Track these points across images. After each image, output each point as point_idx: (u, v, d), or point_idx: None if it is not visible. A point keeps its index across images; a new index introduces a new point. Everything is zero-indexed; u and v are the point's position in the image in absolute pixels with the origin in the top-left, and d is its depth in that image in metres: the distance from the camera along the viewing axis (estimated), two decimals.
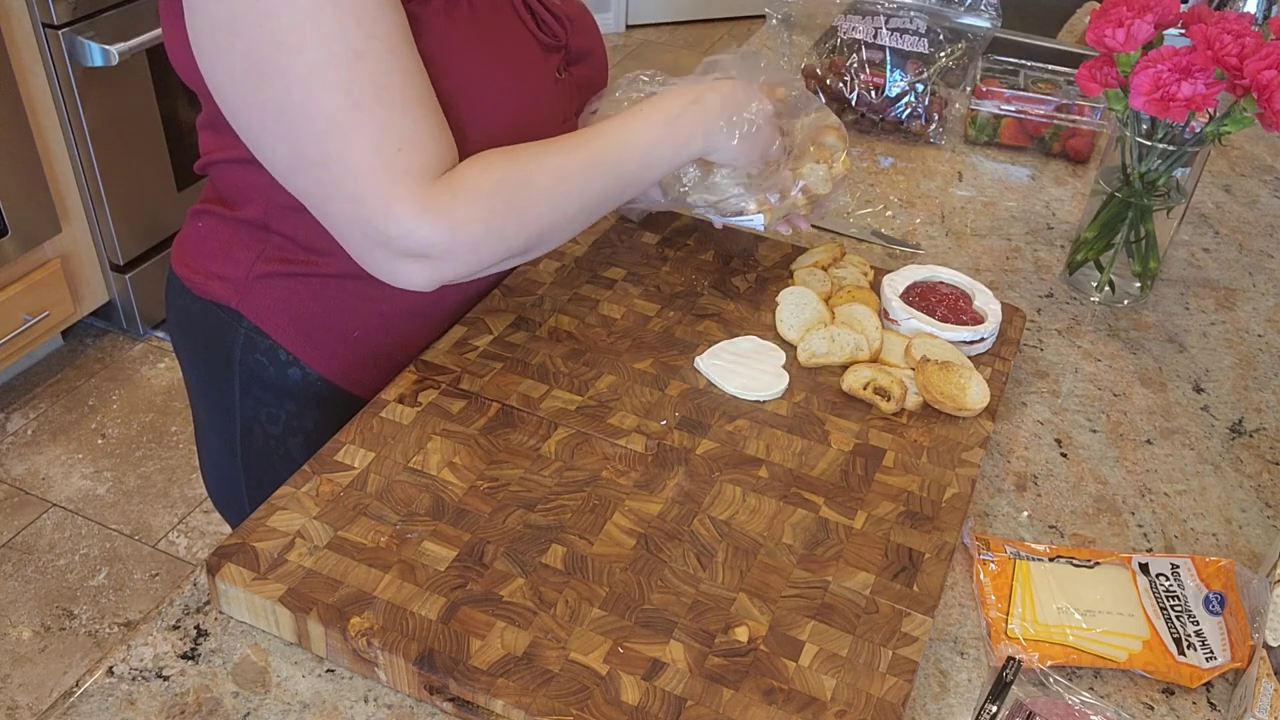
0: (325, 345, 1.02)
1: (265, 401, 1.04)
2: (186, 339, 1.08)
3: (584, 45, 1.02)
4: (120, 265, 2.50)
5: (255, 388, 1.04)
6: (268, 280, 0.99)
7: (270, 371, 1.02)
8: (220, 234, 1.00)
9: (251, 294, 1.00)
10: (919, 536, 0.84)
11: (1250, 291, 1.25)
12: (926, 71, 1.47)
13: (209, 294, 1.02)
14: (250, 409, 1.05)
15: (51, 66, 2.21)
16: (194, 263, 1.03)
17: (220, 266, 1.01)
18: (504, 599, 0.76)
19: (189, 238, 1.04)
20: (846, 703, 0.71)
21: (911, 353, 1.01)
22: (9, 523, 2.19)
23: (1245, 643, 0.80)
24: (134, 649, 0.76)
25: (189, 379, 1.11)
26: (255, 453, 1.08)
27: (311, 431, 1.05)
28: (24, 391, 2.50)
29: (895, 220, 1.32)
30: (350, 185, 0.81)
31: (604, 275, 1.11)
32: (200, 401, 1.11)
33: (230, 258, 1.00)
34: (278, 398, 1.04)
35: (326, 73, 0.78)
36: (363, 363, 1.03)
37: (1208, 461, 1.00)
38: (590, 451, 0.89)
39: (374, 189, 0.81)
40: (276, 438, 1.06)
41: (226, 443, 1.09)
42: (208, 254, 1.02)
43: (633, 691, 0.71)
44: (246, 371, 1.03)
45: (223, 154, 0.96)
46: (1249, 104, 1.02)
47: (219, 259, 1.01)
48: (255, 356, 1.02)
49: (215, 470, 1.15)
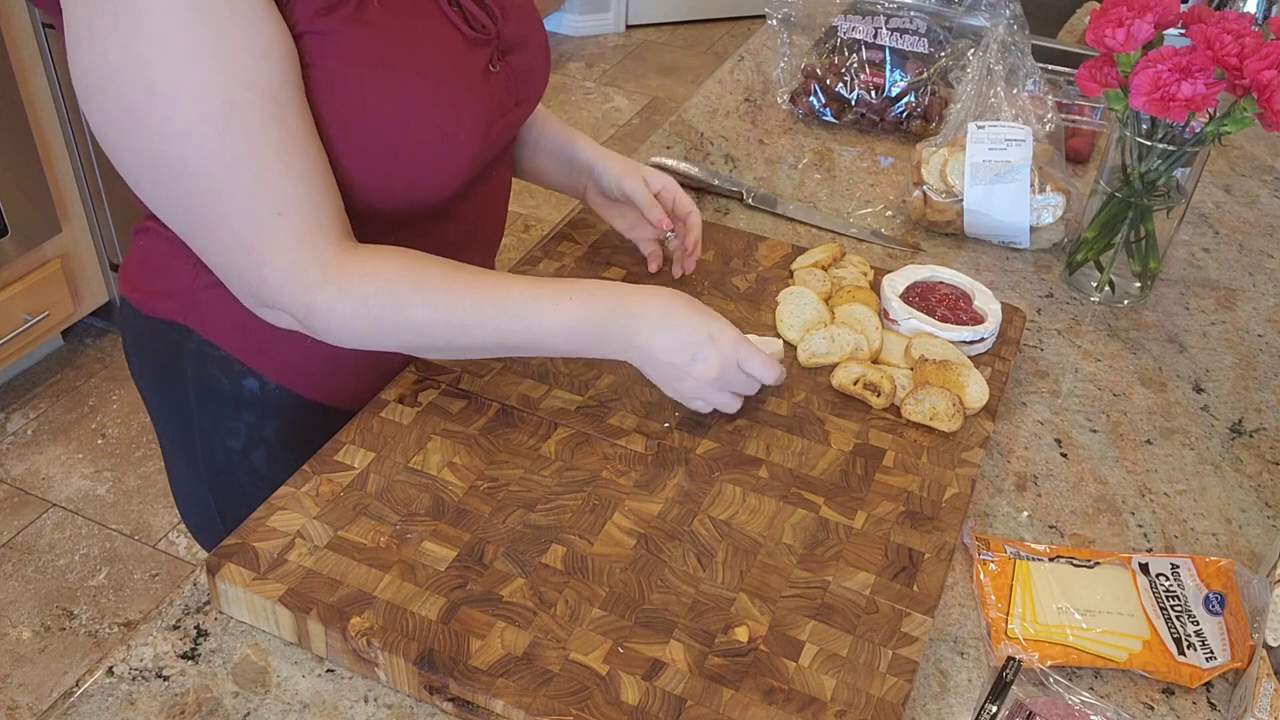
0: (276, 353, 0.97)
1: (223, 416, 1.01)
2: (140, 362, 1.05)
3: (519, 33, 0.96)
4: (120, 265, 2.50)
5: (211, 402, 1.00)
6: (211, 290, 0.93)
7: (224, 384, 0.99)
8: (160, 249, 0.97)
9: (196, 306, 0.96)
10: (919, 536, 0.84)
11: (1250, 291, 1.25)
12: (926, 71, 1.47)
13: (156, 311, 0.98)
14: (209, 425, 1.01)
15: (51, 66, 2.21)
16: (138, 281, 1.00)
17: (164, 282, 0.97)
18: (504, 599, 0.76)
19: (132, 258, 1.01)
20: (846, 703, 0.71)
21: (911, 352, 1.01)
22: (9, 523, 2.19)
23: (1245, 643, 0.80)
24: (134, 649, 0.76)
25: (149, 403, 1.07)
26: (219, 470, 1.04)
27: (273, 442, 1.02)
28: (24, 391, 2.50)
29: (895, 220, 1.32)
30: (225, 238, 0.81)
31: (604, 275, 1.11)
32: (162, 425, 1.07)
33: (172, 272, 0.96)
34: (235, 410, 1.00)
35: (201, 128, 0.75)
36: (318, 369, 0.99)
37: (1208, 461, 1.00)
38: (590, 451, 0.89)
39: (247, 248, 0.80)
40: (239, 452, 1.02)
41: (191, 464, 1.06)
42: (151, 271, 0.98)
43: (633, 691, 0.71)
44: (201, 387, 0.99)
45: None
46: (1249, 104, 1.02)
47: (162, 275, 0.97)
48: (208, 370, 0.98)
49: (185, 494, 1.11)
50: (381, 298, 0.83)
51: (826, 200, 1.36)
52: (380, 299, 0.83)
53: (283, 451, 1.01)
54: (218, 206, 0.79)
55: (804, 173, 1.41)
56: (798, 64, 1.54)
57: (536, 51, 1.00)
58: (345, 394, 1.01)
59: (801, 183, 1.39)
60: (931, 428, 0.94)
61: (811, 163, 1.44)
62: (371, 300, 0.83)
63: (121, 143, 0.79)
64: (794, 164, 1.43)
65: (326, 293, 0.82)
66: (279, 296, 0.83)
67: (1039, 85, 1.28)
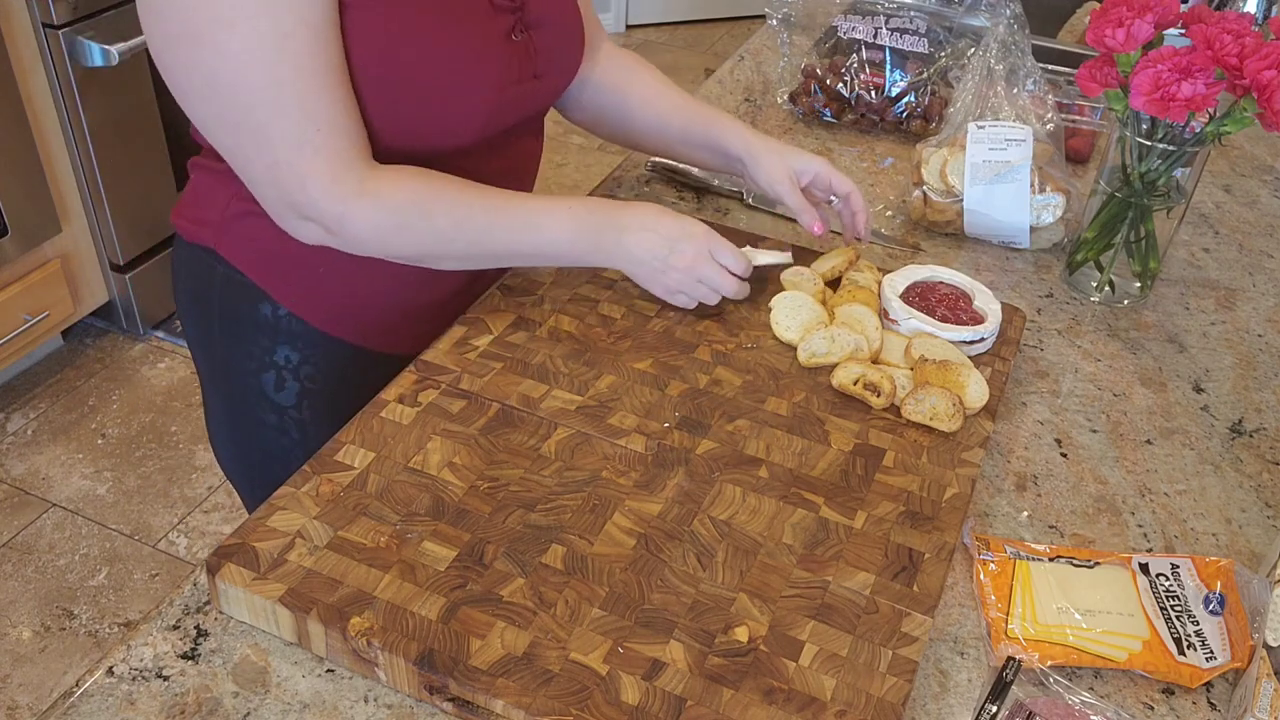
0: (295, 281, 1.05)
1: (241, 337, 1.08)
2: (180, 286, 1.13)
3: (545, 12, 1.03)
4: (120, 265, 2.50)
5: (232, 324, 1.08)
6: (241, 219, 1.02)
7: (244, 309, 1.07)
8: (204, 182, 1.06)
9: (227, 233, 1.04)
10: (919, 536, 0.84)
11: (1250, 291, 1.25)
12: (926, 71, 1.47)
13: (195, 238, 1.07)
14: (230, 346, 1.09)
15: (51, 66, 2.21)
16: (185, 210, 1.09)
17: (203, 211, 1.06)
18: (504, 599, 0.76)
19: (187, 190, 1.10)
20: (846, 703, 0.71)
21: (911, 352, 1.01)
22: (9, 523, 2.19)
23: (1245, 643, 0.80)
24: (134, 649, 0.76)
25: (189, 336, 1.15)
26: (237, 393, 1.12)
27: (281, 366, 1.09)
28: (24, 391, 2.50)
29: (895, 220, 1.32)
30: (269, 153, 0.89)
31: (604, 275, 1.11)
32: (196, 350, 1.15)
33: (210, 202, 1.05)
34: (252, 332, 1.08)
35: (256, 52, 0.85)
36: (327, 299, 1.06)
37: (1208, 461, 1.00)
38: (590, 451, 0.89)
39: (290, 160, 0.89)
40: (251, 373, 1.09)
41: (216, 389, 1.15)
42: (195, 201, 1.07)
43: (633, 691, 0.71)
44: (225, 310, 1.08)
45: None
46: (1249, 104, 1.02)
47: (203, 205, 1.06)
48: (231, 293, 1.06)
49: (218, 429, 1.19)
50: (409, 207, 0.94)
51: None
52: (408, 208, 0.93)
53: (292, 377, 1.09)
54: (266, 123, 0.88)
55: None
56: (798, 64, 1.54)
57: (562, 34, 1.07)
58: (352, 328, 1.09)
59: None
60: (931, 428, 0.94)
61: None
62: (400, 210, 0.93)
63: (179, 60, 0.87)
64: None
65: (361, 203, 0.92)
66: (316, 206, 0.91)
67: (1039, 85, 1.28)
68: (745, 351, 1.02)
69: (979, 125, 1.22)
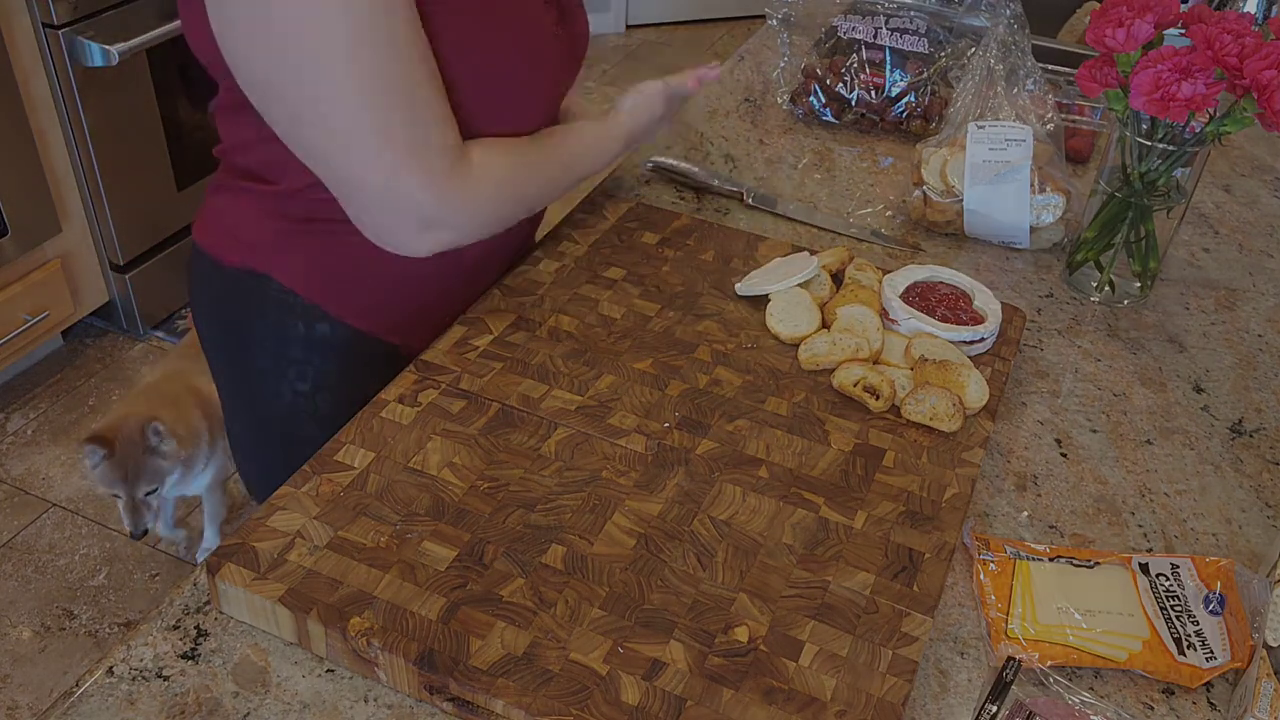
0: (350, 295, 1.05)
1: (294, 358, 1.07)
2: (213, 313, 1.11)
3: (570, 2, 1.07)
4: (120, 265, 2.50)
5: (282, 346, 1.07)
6: (293, 239, 1.02)
7: (299, 329, 1.06)
8: (235, 203, 1.04)
9: (279, 255, 1.03)
10: (919, 536, 0.84)
11: (1250, 291, 1.25)
12: (926, 71, 1.47)
13: (239, 262, 1.05)
14: (278, 371, 1.08)
15: (51, 66, 2.21)
16: (217, 235, 1.07)
17: (244, 233, 1.04)
18: (504, 599, 0.76)
19: (210, 211, 1.08)
20: (846, 703, 0.71)
21: (911, 352, 1.01)
22: (9, 523, 2.19)
23: (1245, 643, 0.80)
24: (134, 649, 0.76)
25: (214, 360, 1.14)
26: (282, 417, 1.11)
27: (337, 386, 1.09)
28: (24, 391, 2.50)
29: (895, 220, 1.32)
30: (364, 152, 0.87)
31: (604, 275, 1.11)
32: (229, 380, 1.14)
33: (248, 223, 1.04)
34: (305, 354, 1.07)
35: (355, 49, 0.83)
36: (390, 310, 1.07)
37: (1208, 461, 1.00)
38: (590, 451, 0.89)
39: (388, 157, 0.88)
40: (305, 394, 1.09)
41: (252, 413, 1.14)
42: (229, 224, 1.06)
43: (633, 691, 0.71)
44: (277, 333, 1.06)
45: (241, 136, 1.00)
46: (1249, 104, 1.02)
47: (242, 226, 1.04)
48: (283, 316, 1.05)
49: (246, 448, 1.19)
50: (518, 170, 0.98)
51: (826, 200, 1.36)
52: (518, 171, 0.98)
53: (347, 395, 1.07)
54: (362, 121, 0.86)
55: (804, 173, 1.41)
56: (798, 64, 1.54)
57: (582, 21, 1.11)
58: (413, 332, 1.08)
59: (801, 183, 1.39)
60: (931, 428, 0.94)
61: (811, 163, 1.44)
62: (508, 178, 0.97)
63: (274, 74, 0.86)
64: (794, 164, 1.43)
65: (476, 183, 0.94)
66: (418, 195, 0.90)
67: (1039, 85, 1.28)
68: (745, 351, 1.02)
69: (979, 125, 1.22)
